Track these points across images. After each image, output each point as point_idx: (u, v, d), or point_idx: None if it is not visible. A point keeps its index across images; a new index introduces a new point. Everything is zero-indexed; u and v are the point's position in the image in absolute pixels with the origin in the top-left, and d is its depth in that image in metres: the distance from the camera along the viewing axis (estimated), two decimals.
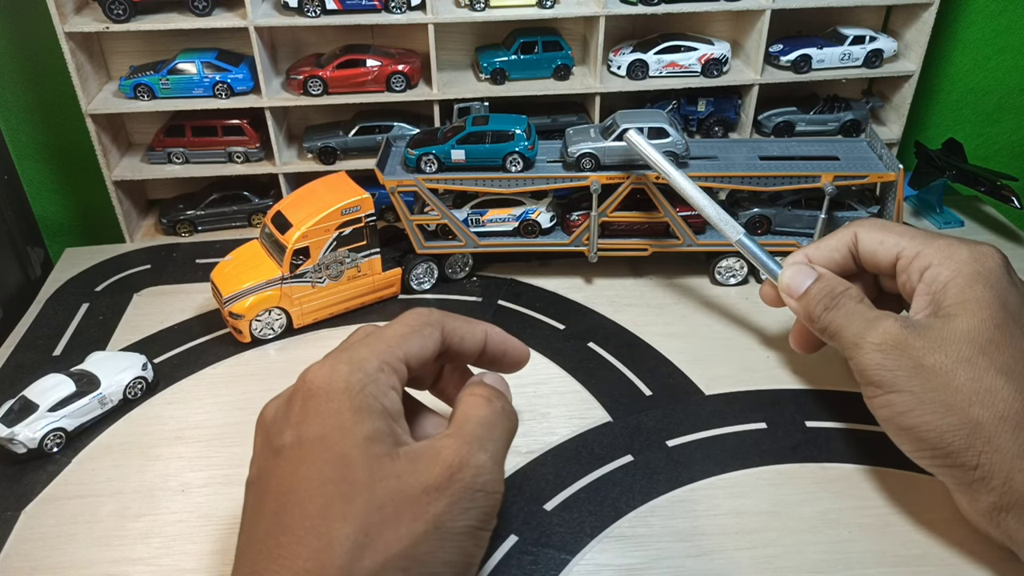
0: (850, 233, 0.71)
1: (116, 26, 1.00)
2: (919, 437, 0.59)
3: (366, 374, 0.52)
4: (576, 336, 0.90)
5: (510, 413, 0.58)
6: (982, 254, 0.63)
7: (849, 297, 0.66)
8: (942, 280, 0.62)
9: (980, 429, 0.56)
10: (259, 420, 0.54)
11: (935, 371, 0.58)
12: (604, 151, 0.94)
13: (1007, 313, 0.59)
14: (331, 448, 0.48)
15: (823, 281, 0.68)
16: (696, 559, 0.63)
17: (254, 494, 0.51)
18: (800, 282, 0.69)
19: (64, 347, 0.90)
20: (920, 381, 0.58)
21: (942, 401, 0.57)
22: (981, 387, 0.56)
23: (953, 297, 0.61)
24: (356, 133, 1.12)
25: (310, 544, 0.45)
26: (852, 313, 0.65)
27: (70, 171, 1.27)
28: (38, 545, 0.66)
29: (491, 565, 0.62)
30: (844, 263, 0.72)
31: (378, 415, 0.50)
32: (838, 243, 0.72)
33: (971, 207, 1.17)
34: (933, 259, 0.64)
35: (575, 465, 0.72)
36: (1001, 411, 0.56)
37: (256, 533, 0.48)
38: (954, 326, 0.59)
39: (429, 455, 0.50)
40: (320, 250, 0.89)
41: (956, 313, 0.60)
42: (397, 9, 1.04)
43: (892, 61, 1.16)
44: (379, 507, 0.46)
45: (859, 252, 0.71)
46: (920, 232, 0.68)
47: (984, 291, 0.60)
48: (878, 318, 0.63)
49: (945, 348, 0.58)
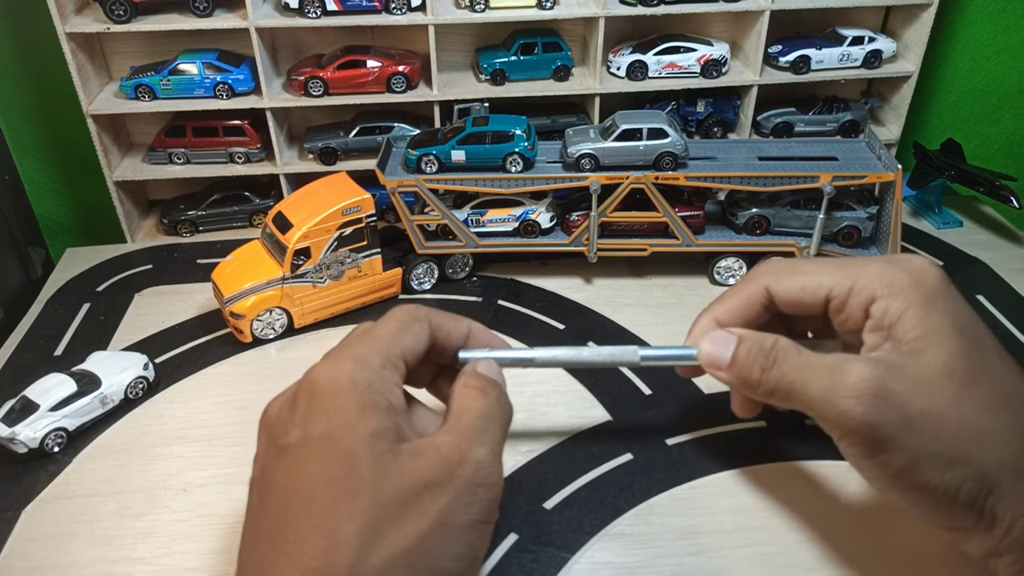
0: (758, 287, 0.64)
1: (117, 27, 1.01)
2: (920, 496, 0.53)
3: (371, 371, 0.52)
4: (576, 336, 0.90)
5: (505, 402, 0.58)
6: (922, 273, 0.57)
7: (784, 348, 0.58)
8: (894, 313, 0.56)
9: (985, 478, 0.51)
10: (262, 419, 0.54)
11: (925, 418, 0.52)
12: (604, 151, 0.94)
13: (965, 336, 0.55)
14: (337, 446, 0.48)
15: (747, 342, 0.60)
16: (695, 557, 0.63)
17: (258, 492, 0.51)
18: (722, 352, 0.61)
19: (65, 347, 0.91)
20: (914, 433, 0.52)
21: (942, 452, 0.52)
22: (975, 431, 0.52)
23: (913, 331, 0.55)
24: (357, 134, 1.13)
25: (317, 542, 0.45)
26: (803, 365, 0.57)
27: (71, 171, 1.27)
28: (38, 545, 0.66)
29: (491, 563, 0.63)
30: (757, 319, 0.65)
31: (383, 411, 0.51)
32: (748, 300, 0.64)
33: (970, 207, 1.17)
34: (876, 291, 0.57)
35: (575, 464, 0.72)
36: (999, 455, 0.52)
37: (262, 531, 0.48)
38: (926, 362, 0.54)
39: (430, 451, 0.50)
40: (321, 250, 0.89)
41: (923, 348, 0.54)
42: (397, 10, 1.04)
43: (891, 62, 1.17)
44: (384, 505, 0.47)
45: (777, 304, 0.63)
46: (834, 262, 0.62)
47: (941, 318, 0.55)
48: (841, 363, 0.55)
49: (928, 390, 0.53)
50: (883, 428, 0.52)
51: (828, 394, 0.54)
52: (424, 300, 0.98)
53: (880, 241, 0.99)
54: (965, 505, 0.52)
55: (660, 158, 0.94)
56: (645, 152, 0.94)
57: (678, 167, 0.95)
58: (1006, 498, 0.52)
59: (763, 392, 0.59)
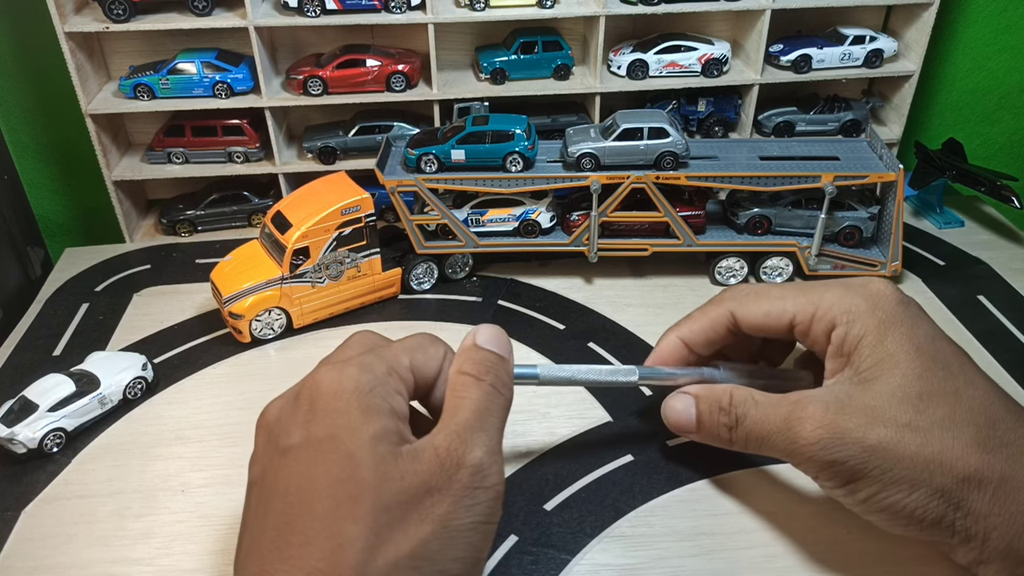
0: (724, 311, 0.66)
1: (116, 26, 1.00)
2: (891, 517, 0.56)
3: (375, 376, 0.52)
4: (576, 336, 0.90)
5: (502, 386, 0.56)
6: (878, 298, 0.60)
7: (742, 403, 0.61)
8: (852, 340, 0.59)
9: (949, 496, 0.53)
10: (261, 420, 0.54)
11: (883, 447, 0.54)
12: (604, 151, 0.94)
13: (923, 356, 0.57)
14: (339, 447, 0.48)
15: (704, 402, 0.64)
16: (696, 559, 0.63)
17: (258, 494, 0.51)
18: (686, 416, 0.65)
19: (64, 347, 0.90)
20: (875, 462, 0.55)
21: (902, 478, 0.54)
22: (933, 452, 0.54)
23: (868, 359, 0.58)
24: (356, 133, 1.12)
25: (321, 545, 0.45)
26: (762, 419, 0.60)
27: (70, 171, 1.27)
28: (38, 545, 0.66)
29: (491, 565, 0.62)
30: (720, 341, 0.68)
31: (386, 414, 0.50)
32: (713, 322, 0.67)
33: (971, 207, 1.17)
34: (835, 318, 0.60)
35: (575, 465, 0.72)
36: (960, 471, 0.53)
37: (265, 534, 0.48)
38: (879, 391, 0.56)
39: (428, 455, 0.50)
40: (320, 250, 0.89)
41: (876, 376, 0.57)
42: (397, 9, 1.04)
43: (892, 61, 1.16)
44: (386, 509, 0.47)
45: (742, 327, 0.66)
46: (797, 287, 0.65)
47: (896, 343, 0.57)
48: (797, 410, 0.58)
49: (881, 419, 0.55)
50: (846, 463, 0.56)
51: (790, 445, 0.58)
52: (424, 300, 0.98)
53: (881, 241, 0.99)
54: (934, 523, 0.54)
55: (661, 157, 0.94)
56: (646, 151, 0.94)
57: (679, 166, 0.95)
58: (974, 512, 0.54)
59: (739, 448, 0.63)
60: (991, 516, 0.53)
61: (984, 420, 0.55)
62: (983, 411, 0.55)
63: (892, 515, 0.56)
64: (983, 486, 0.53)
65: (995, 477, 0.53)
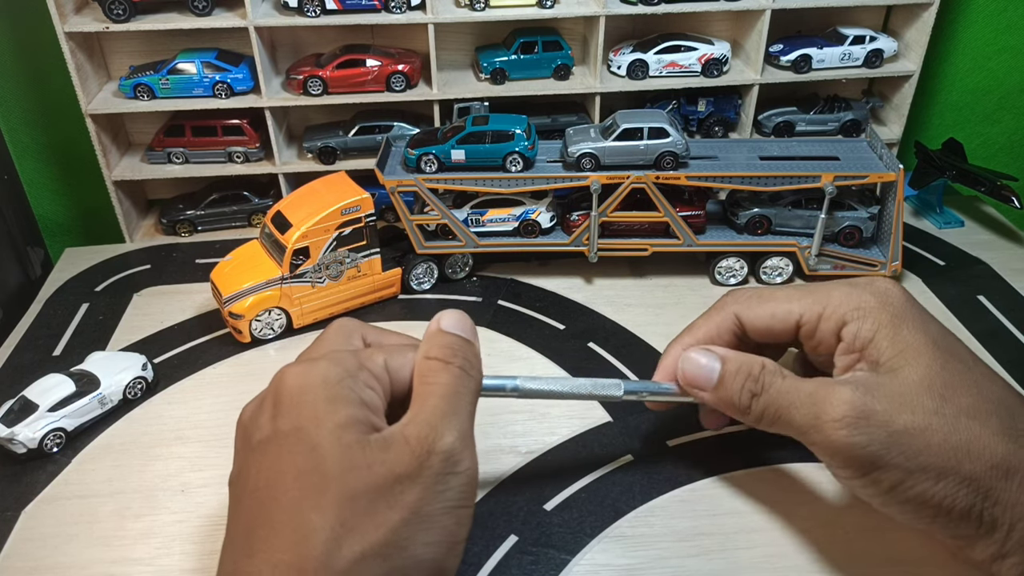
0: (728, 316, 0.65)
1: (116, 26, 1.00)
2: (916, 508, 0.54)
3: (344, 369, 0.52)
4: (576, 336, 0.90)
5: (470, 368, 0.55)
6: (887, 294, 0.59)
7: (772, 373, 0.59)
8: (865, 335, 0.58)
9: (978, 484, 0.53)
10: (238, 421, 0.55)
11: (910, 433, 0.53)
12: (604, 151, 0.94)
13: (940, 349, 0.56)
14: (304, 439, 0.48)
15: (733, 363, 0.60)
16: (696, 559, 0.63)
17: (234, 492, 0.52)
18: (707, 372, 0.61)
19: (64, 347, 0.90)
20: (901, 448, 0.53)
21: (930, 465, 0.53)
22: (961, 440, 0.53)
23: (888, 350, 0.57)
24: (356, 133, 1.12)
25: (287, 536, 0.45)
26: (789, 391, 0.58)
27: (70, 171, 1.27)
28: (38, 545, 0.66)
29: (491, 565, 0.62)
30: (726, 347, 0.65)
31: (354, 404, 0.50)
32: (718, 328, 0.66)
33: (971, 207, 1.17)
34: (845, 315, 0.59)
35: (575, 465, 0.72)
36: (988, 460, 0.53)
37: (237, 529, 0.49)
38: (904, 379, 0.55)
39: (398, 443, 0.49)
40: (320, 250, 0.89)
41: (899, 365, 0.56)
42: (397, 9, 1.04)
43: (892, 61, 1.16)
44: (352, 498, 0.46)
45: (747, 331, 0.65)
46: (803, 288, 0.64)
47: (913, 334, 0.57)
48: (824, 388, 0.57)
49: (909, 405, 0.54)
50: (869, 447, 0.54)
51: (812, 420, 0.56)
52: (424, 300, 0.98)
53: (881, 241, 0.99)
54: (963, 513, 0.53)
55: (661, 157, 0.94)
56: (646, 151, 0.94)
57: (679, 166, 0.95)
58: (1002, 502, 0.53)
59: (753, 418, 0.60)
60: (1018, 505, 0.53)
61: (1005, 411, 0.55)
62: (1003, 403, 0.55)
63: (918, 506, 0.54)
64: (1011, 474, 0.53)
65: (1022, 466, 0.53)
